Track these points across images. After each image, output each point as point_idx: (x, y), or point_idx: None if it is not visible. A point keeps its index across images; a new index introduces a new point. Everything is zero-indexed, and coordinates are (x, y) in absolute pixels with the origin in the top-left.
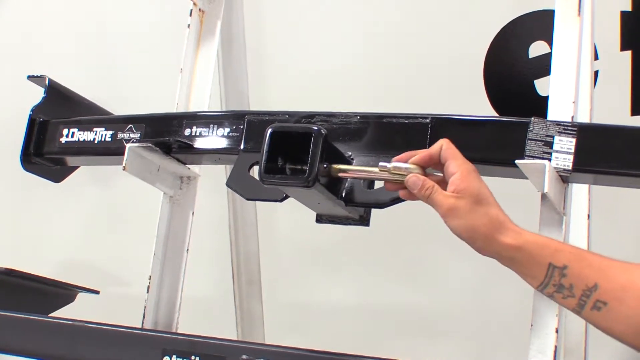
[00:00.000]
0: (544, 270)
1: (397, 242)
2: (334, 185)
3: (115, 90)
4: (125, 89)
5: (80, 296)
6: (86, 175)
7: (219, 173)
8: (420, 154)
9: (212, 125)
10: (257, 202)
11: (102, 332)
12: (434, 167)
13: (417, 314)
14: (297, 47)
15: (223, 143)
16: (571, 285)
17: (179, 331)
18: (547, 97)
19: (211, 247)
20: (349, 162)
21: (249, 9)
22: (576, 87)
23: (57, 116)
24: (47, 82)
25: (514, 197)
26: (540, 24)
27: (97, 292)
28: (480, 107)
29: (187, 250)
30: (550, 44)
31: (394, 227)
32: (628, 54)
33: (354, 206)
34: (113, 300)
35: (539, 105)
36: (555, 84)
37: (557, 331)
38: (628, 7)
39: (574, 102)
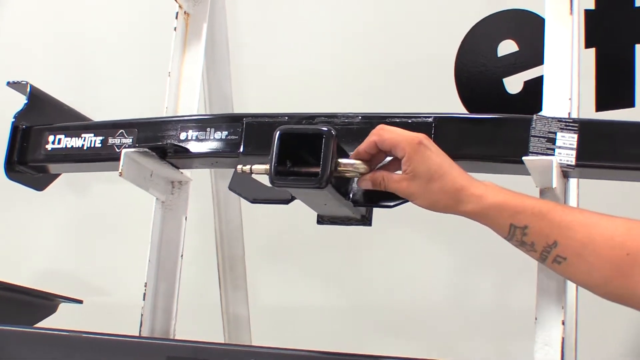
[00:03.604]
0: (507, 229)
1: (378, 238)
2: (341, 185)
3: (88, 96)
4: (99, 95)
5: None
6: (62, 183)
7: (201, 176)
8: (356, 152)
9: (209, 129)
10: (242, 206)
11: (102, 342)
12: (377, 156)
13: (405, 311)
14: (275, 48)
15: (221, 146)
16: (532, 243)
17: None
18: (516, 95)
19: (195, 251)
20: None
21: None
22: (571, 85)
23: (39, 123)
24: (28, 88)
25: None
26: (507, 23)
27: (80, 302)
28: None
29: (182, 255)
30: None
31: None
32: (592, 51)
33: (361, 206)
34: (93, 310)
35: (509, 103)
36: (549, 82)
37: (563, 323)
38: (592, 6)
39: (570, 99)
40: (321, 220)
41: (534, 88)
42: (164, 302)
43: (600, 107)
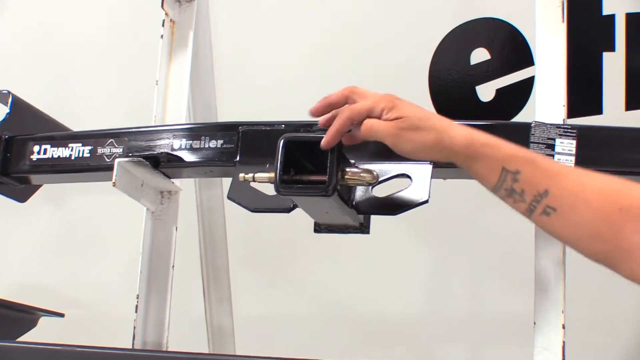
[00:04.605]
0: (497, 173)
1: (360, 247)
2: (345, 193)
3: (63, 106)
4: (75, 105)
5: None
6: (40, 195)
7: (185, 187)
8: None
9: (203, 138)
10: (226, 217)
11: (96, 355)
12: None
13: (386, 319)
14: (258, 56)
15: (216, 155)
16: (522, 190)
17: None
18: (488, 103)
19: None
20: None
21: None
22: (566, 91)
23: (21, 133)
24: (10, 98)
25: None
26: (480, 31)
27: (61, 315)
28: None
29: (173, 266)
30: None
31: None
32: None
33: (364, 214)
34: (74, 323)
35: (481, 111)
36: (542, 89)
37: (563, 327)
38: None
39: (564, 106)
40: (318, 228)
41: (506, 96)
42: (155, 313)
43: (570, 114)
